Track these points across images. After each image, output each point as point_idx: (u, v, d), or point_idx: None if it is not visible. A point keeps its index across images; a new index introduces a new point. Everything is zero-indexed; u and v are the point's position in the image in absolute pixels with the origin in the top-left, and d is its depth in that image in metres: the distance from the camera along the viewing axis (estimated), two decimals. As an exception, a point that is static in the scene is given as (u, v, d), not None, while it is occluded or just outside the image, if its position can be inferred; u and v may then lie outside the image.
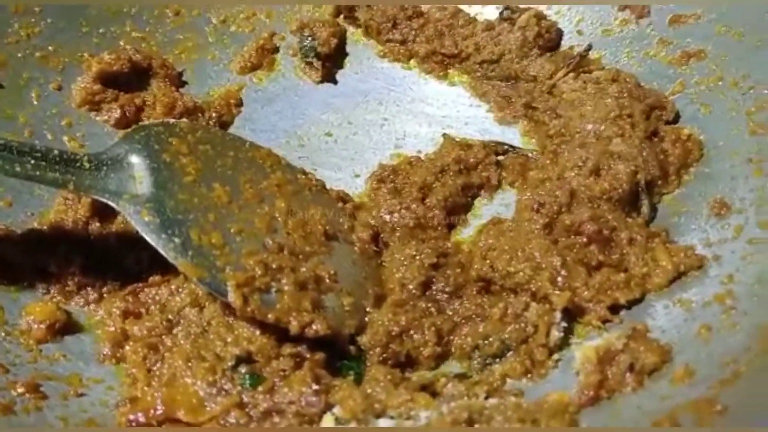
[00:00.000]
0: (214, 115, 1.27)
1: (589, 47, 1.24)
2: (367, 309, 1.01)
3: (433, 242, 1.07)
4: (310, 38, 1.31)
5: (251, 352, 0.94)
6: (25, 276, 1.05)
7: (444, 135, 1.22)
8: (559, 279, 0.97)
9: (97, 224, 1.11)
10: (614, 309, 0.97)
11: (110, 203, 1.01)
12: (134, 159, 1.04)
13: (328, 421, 0.88)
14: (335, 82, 1.32)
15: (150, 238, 0.99)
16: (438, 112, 1.27)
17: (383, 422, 0.87)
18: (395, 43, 1.32)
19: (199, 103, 1.27)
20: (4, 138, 0.98)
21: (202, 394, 0.91)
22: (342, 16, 1.36)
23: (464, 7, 1.33)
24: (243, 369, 0.92)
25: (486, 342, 0.97)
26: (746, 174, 1.02)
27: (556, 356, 0.95)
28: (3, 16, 1.22)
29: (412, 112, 1.28)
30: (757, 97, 1.07)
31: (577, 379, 0.89)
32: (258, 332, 0.95)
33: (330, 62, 1.32)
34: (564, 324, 0.95)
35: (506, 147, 1.20)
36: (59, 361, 0.98)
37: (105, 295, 1.06)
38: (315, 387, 0.90)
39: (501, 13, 1.31)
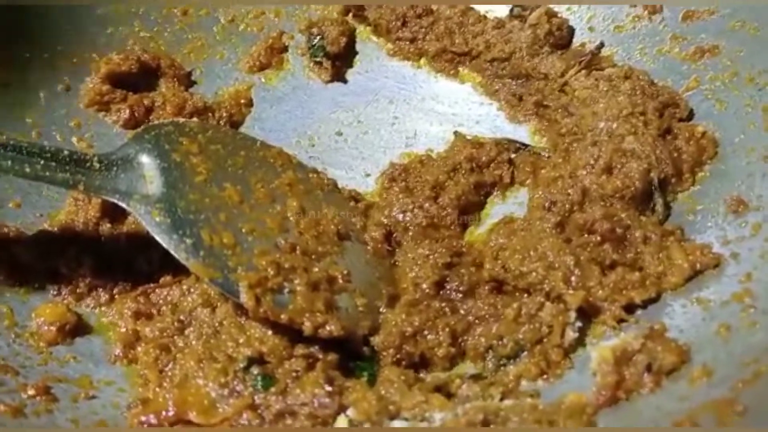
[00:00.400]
0: (224, 114, 1.27)
1: (601, 45, 1.23)
2: (381, 309, 1.00)
3: (447, 241, 1.06)
4: (319, 37, 1.30)
5: (263, 353, 0.93)
6: (35, 277, 1.05)
7: (455, 133, 1.21)
8: (573, 278, 0.96)
9: (108, 225, 1.10)
10: (630, 309, 0.96)
11: (121, 204, 1.01)
12: (144, 159, 1.04)
13: (341, 422, 0.87)
14: (345, 81, 1.31)
15: (161, 239, 0.98)
16: (449, 110, 1.26)
17: (397, 424, 0.86)
18: (405, 41, 1.31)
19: (209, 103, 1.26)
20: (14, 138, 0.98)
21: (213, 395, 0.90)
22: (351, 15, 1.35)
23: (474, 5, 1.32)
24: (255, 370, 0.92)
25: (500, 343, 0.96)
26: (763, 171, 1.01)
27: (571, 356, 0.94)
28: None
29: (423, 111, 1.26)
30: (773, 92, 1.05)
31: (594, 380, 0.87)
32: (270, 333, 0.95)
33: (339, 61, 1.31)
34: (579, 324, 0.94)
35: (518, 145, 1.19)
36: (69, 363, 0.98)
37: (116, 296, 1.05)
38: (328, 388, 0.89)
39: (511, 11, 1.30)
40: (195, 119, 1.23)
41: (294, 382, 0.91)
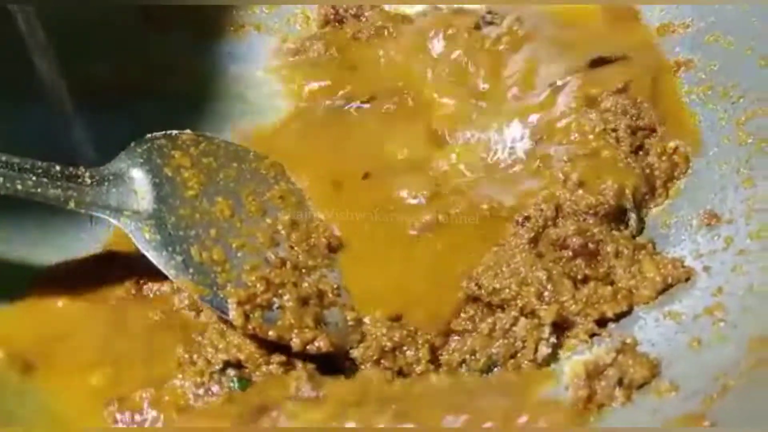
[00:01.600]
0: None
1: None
2: (366, 321, 1.00)
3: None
4: (298, 50, 1.32)
5: (240, 359, 0.94)
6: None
7: (439, 146, 1.22)
8: (546, 294, 0.97)
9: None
10: (602, 322, 0.97)
11: (111, 220, 1.02)
12: (136, 174, 1.05)
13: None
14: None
15: (150, 256, 1.00)
16: (429, 123, 1.26)
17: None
18: (383, 54, 1.32)
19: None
20: (5, 154, 0.97)
21: (189, 395, 0.92)
22: (329, 28, 1.36)
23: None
24: (231, 372, 0.94)
25: (473, 357, 0.97)
26: (735, 184, 1.02)
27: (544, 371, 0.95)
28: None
29: (403, 123, 1.27)
30: (746, 106, 1.06)
31: (567, 394, 0.88)
32: (248, 341, 0.95)
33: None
34: (553, 340, 0.95)
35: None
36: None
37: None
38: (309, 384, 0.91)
39: (483, 17, 1.30)
40: (188, 131, 1.23)
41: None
